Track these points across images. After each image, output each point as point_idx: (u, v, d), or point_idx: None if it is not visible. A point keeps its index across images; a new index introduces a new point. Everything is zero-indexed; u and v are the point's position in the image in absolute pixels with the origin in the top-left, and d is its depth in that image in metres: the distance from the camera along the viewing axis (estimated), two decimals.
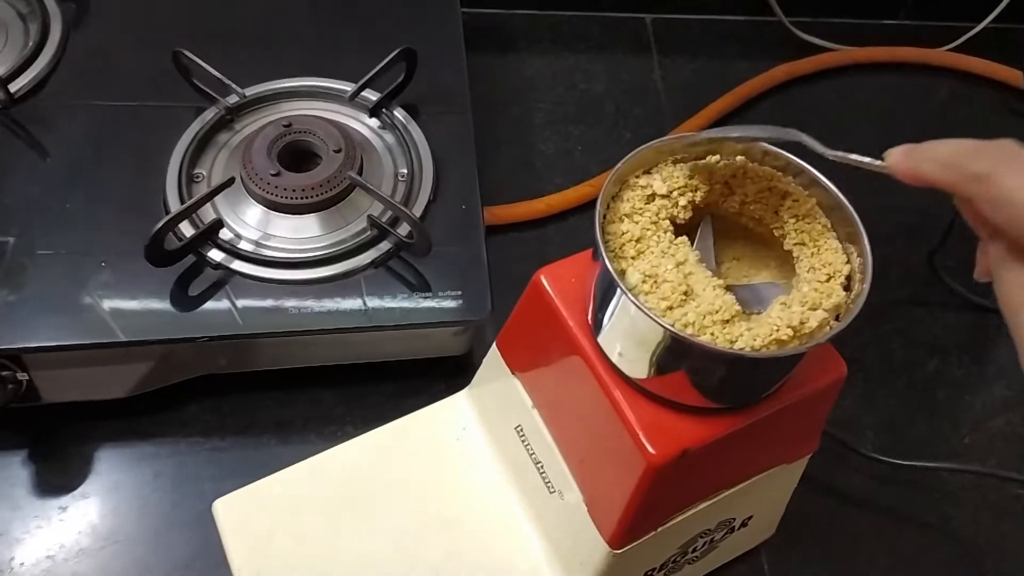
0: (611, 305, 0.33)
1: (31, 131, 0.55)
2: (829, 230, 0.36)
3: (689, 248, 0.34)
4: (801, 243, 0.35)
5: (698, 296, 0.32)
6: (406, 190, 0.55)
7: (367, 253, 0.52)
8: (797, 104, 0.73)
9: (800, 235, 0.36)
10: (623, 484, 0.36)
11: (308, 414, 0.54)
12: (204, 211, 0.52)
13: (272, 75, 0.59)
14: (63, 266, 0.49)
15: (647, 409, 0.35)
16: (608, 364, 0.36)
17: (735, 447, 0.36)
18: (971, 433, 0.58)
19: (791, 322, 0.31)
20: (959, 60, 0.75)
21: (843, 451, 0.53)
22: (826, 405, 0.40)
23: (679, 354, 0.33)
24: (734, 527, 0.45)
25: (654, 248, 0.33)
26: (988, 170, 0.27)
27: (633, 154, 0.35)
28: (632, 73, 0.74)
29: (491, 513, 0.44)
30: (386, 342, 0.53)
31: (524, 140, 0.68)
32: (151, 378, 0.51)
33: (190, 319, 0.49)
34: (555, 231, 0.64)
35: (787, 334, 0.31)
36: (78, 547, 0.49)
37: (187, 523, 0.49)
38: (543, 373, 0.41)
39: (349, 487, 0.45)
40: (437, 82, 0.60)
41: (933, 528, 0.54)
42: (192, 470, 0.52)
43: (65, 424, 0.52)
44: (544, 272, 0.39)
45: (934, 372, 0.60)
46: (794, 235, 0.36)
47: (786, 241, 0.36)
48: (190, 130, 0.56)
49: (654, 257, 0.33)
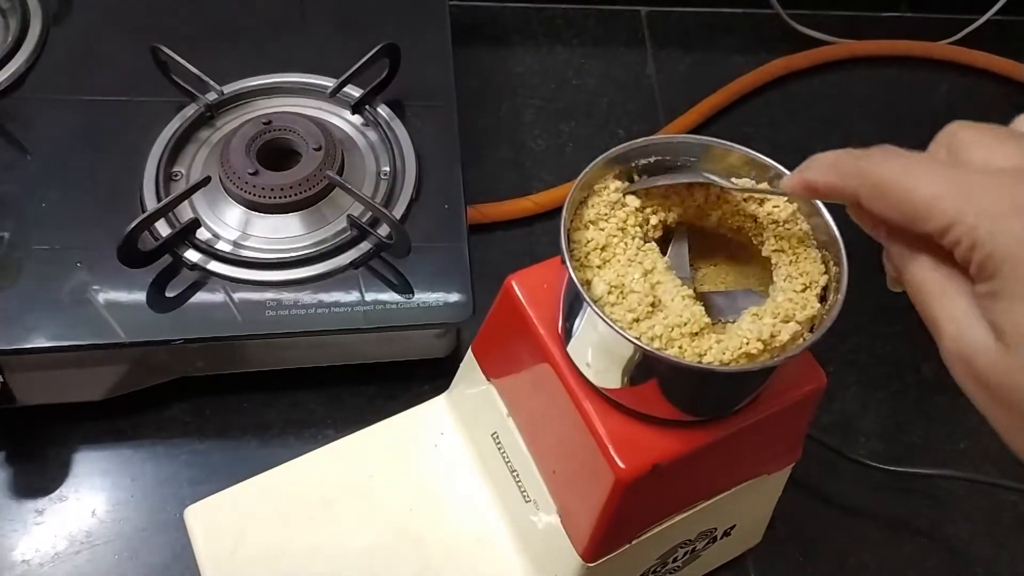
0: (578, 316, 0.32)
1: (8, 128, 0.54)
2: (809, 237, 0.34)
3: (657, 254, 0.33)
4: (780, 250, 0.34)
5: (666, 307, 0.31)
6: (388, 189, 0.54)
7: (347, 253, 0.51)
8: (795, 99, 0.72)
9: (779, 242, 0.34)
10: (594, 497, 0.35)
11: (288, 416, 0.53)
12: (182, 210, 0.51)
13: (254, 70, 0.58)
14: (38, 266, 0.49)
15: (618, 421, 0.34)
16: (578, 375, 0.35)
17: (710, 460, 0.35)
18: (966, 439, 0.56)
19: (761, 335, 0.30)
20: (961, 54, 0.74)
21: (834, 456, 0.52)
22: (806, 415, 0.39)
23: (647, 367, 0.32)
24: (716, 537, 0.44)
25: (620, 256, 0.32)
26: (867, 165, 0.26)
27: (600, 159, 0.34)
28: (625, 67, 0.72)
29: (468, 522, 0.44)
30: (367, 344, 0.52)
31: (514, 137, 0.67)
32: (127, 381, 0.51)
33: (166, 321, 0.48)
34: (543, 230, 0.63)
35: (757, 347, 0.30)
36: (54, 551, 0.48)
37: (165, 527, 0.49)
38: (517, 381, 0.40)
39: (323, 494, 0.45)
40: (422, 78, 0.59)
41: (925, 535, 0.53)
42: (171, 472, 0.51)
43: (42, 426, 0.51)
44: (515, 278, 0.38)
45: (930, 376, 0.59)
46: (773, 241, 0.34)
47: (764, 247, 0.35)
48: (169, 127, 0.55)
49: (620, 266, 0.32)
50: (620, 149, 0.34)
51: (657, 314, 0.31)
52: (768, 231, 0.35)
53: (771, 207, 0.35)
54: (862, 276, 0.34)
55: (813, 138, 0.70)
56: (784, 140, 0.69)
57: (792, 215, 0.34)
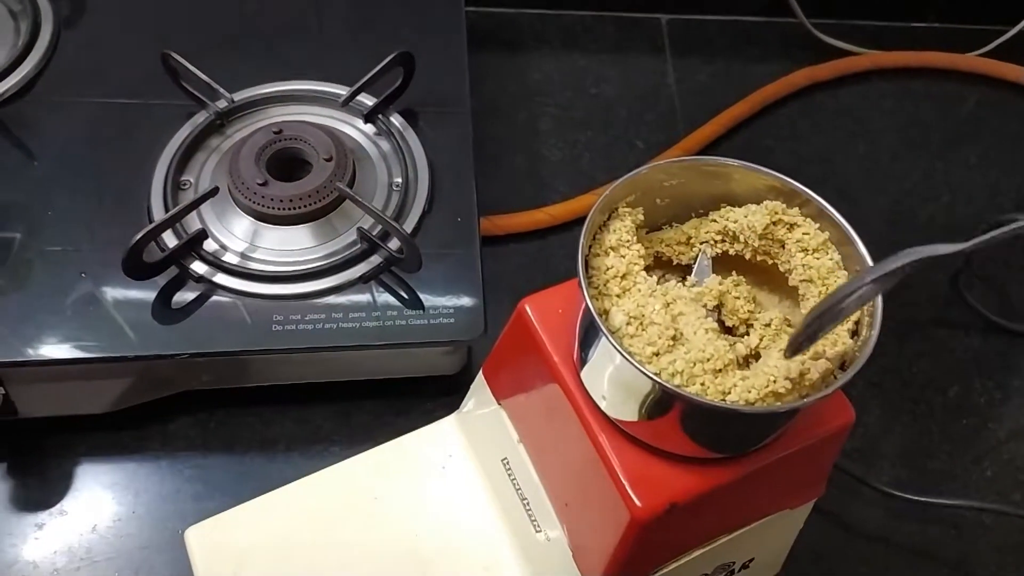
0: (593, 346, 0.31)
1: (16, 134, 0.54)
2: (840, 268, 0.33)
3: (680, 286, 0.31)
4: (808, 280, 0.33)
5: (688, 341, 0.29)
6: (400, 200, 0.52)
7: (357, 267, 0.50)
8: (818, 111, 0.70)
9: (807, 271, 0.33)
10: (608, 533, 0.33)
11: (294, 432, 0.52)
12: (189, 221, 0.50)
13: (265, 78, 0.57)
14: (42, 277, 0.48)
15: (634, 456, 0.32)
16: (593, 405, 0.33)
17: (730, 497, 0.34)
18: (993, 465, 0.55)
19: (790, 373, 0.29)
20: (990, 66, 0.72)
21: (857, 484, 0.50)
22: (832, 451, 0.37)
23: (666, 403, 0.30)
24: (734, 570, 0.42)
25: (641, 285, 0.31)
26: None
27: (624, 179, 0.32)
28: (645, 76, 0.71)
29: (475, 549, 0.42)
30: (375, 360, 0.51)
31: (529, 146, 0.66)
32: (131, 394, 0.50)
33: (171, 334, 0.47)
34: (558, 242, 0.61)
35: (785, 387, 0.28)
36: (53, 567, 0.47)
37: (167, 544, 0.48)
38: (528, 407, 0.39)
39: (328, 517, 0.43)
40: (436, 86, 0.57)
41: (950, 567, 0.51)
42: (174, 488, 0.50)
43: (45, 438, 0.50)
44: (529, 301, 0.36)
45: (956, 399, 0.57)
46: (801, 271, 0.33)
47: (791, 276, 0.33)
48: (178, 135, 0.54)
49: (640, 296, 0.30)
50: (643, 170, 0.33)
51: (679, 348, 0.29)
52: (796, 259, 0.33)
53: (800, 234, 0.33)
54: (888, 297, 0.32)
55: (836, 151, 0.68)
56: (807, 153, 0.68)
57: (823, 244, 0.33)
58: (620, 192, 0.33)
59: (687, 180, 0.34)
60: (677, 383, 0.29)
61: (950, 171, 0.67)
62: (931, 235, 0.62)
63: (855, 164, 0.67)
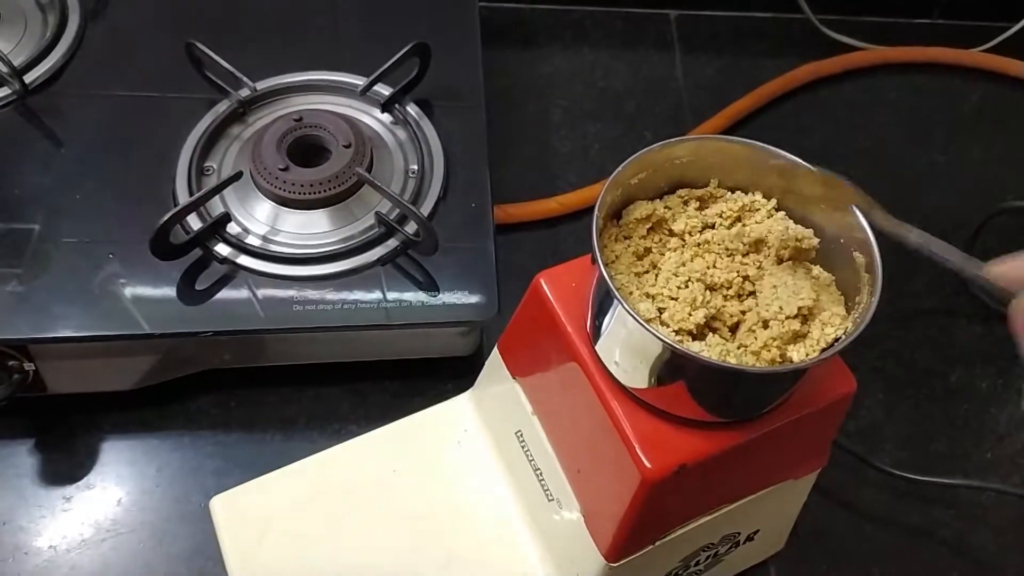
0: (608, 314, 0.32)
1: (45, 121, 0.55)
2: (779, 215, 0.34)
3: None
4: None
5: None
6: (416, 187, 0.54)
7: (375, 250, 0.52)
8: (823, 105, 0.71)
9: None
10: (619, 497, 0.35)
11: (313, 411, 0.54)
12: (213, 205, 0.52)
13: (286, 68, 0.58)
14: (71, 257, 0.49)
15: (645, 421, 0.34)
16: (606, 373, 0.35)
17: (736, 462, 0.35)
18: (994, 448, 0.56)
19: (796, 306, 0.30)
20: (994, 61, 0.73)
21: (859, 464, 0.51)
22: (834, 421, 0.38)
23: (676, 367, 0.32)
24: (739, 541, 0.44)
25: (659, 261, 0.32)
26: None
27: (633, 158, 0.34)
28: (653, 70, 0.72)
29: (489, 519, 0.44)
30: (391, 340, 0.53)
31: (540, 137, 0.67)
32: (156, 372, 0.51)
33: (195, 313, 0.49)
34: (568, 231, 0.63)
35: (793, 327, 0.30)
36: (80, 538, 0.49)
37: (189, 517, 0.49)
38: (543, 379, 0.40)
39: (348, 488, 0.45)
40: (451, 77, 0.59)
41: (950, 546, 0.52)
42: (196, 464, 0.52)
43: (72, 414, 0.52)
44: (544, 276, 0.38)
45: (958, 384, 0.58)
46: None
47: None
48: (202, 123, 0.55)
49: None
50: (655, 148, 0.34)
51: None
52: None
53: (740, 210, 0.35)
54: (889, 283, 0.33)
55: (841, 145, 0.69)
56: (811, 146, 0.69)
57: (741, 209, 0.34)
58: (631, 170, 0.35)
59: (696, 159, 0.36)
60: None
61: (954, 165, 0.68)
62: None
63: (859, 158, 0.68)
